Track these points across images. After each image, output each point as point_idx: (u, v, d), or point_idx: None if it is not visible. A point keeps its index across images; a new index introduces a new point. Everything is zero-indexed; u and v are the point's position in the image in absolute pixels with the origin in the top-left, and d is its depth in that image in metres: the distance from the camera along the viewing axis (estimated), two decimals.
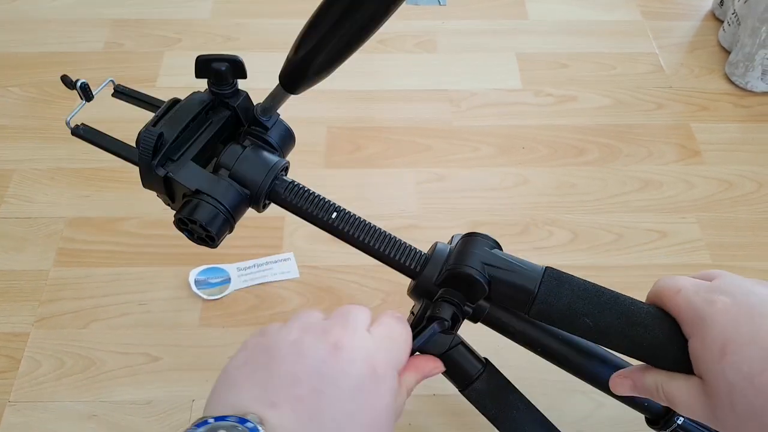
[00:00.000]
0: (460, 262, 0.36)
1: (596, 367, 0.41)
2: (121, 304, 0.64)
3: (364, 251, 0.40)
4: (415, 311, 0.40)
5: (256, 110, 0.42)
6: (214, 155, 0.42)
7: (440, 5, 0.96)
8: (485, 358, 0.42)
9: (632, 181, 0.76)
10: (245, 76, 0.41)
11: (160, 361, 0.61)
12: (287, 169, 0.43)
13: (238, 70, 0.40)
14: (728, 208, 0.74)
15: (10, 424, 0.57)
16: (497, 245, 0.38)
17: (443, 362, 0.39)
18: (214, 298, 0.64)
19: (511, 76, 0.87)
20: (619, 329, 0.34)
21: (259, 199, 0.40)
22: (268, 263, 0.67)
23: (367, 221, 0.41)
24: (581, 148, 0.79)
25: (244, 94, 0.42)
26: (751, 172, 0.77)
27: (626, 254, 0.69)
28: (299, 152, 0.78)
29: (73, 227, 0.70)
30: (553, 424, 0.42)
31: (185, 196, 0.40)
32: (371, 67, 0.87)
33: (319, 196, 0.41)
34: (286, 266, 0.67)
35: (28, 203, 0.72)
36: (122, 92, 0.45)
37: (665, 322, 0.33)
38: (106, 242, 0.69)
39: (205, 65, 0.40)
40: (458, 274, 0.36)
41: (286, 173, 0.43)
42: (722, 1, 0.93)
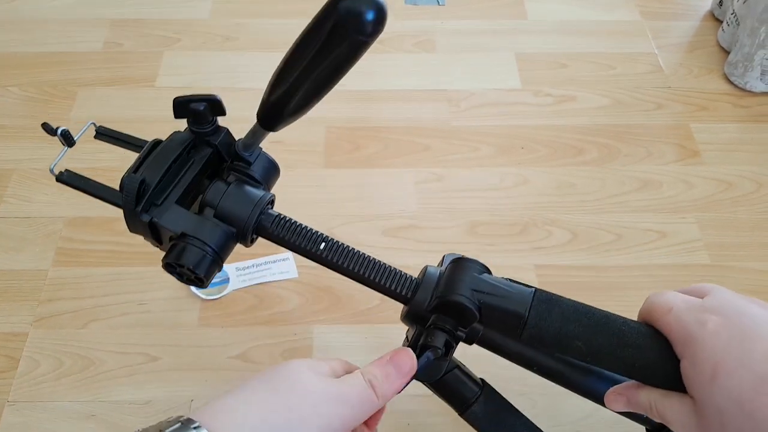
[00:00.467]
0: (449, 290, 0.36)
1: (593, 383, 0.41)
2: (120, 304, 0.64)
3: (354, 279, 0.40)
4: (409, 336, 0.40)
5: (237, 146, 0.41)
6: (199, 193, 0.41)
7: (439, 5, 0.96)
8: (482, 379, 0.42)
9: (631, 181, 0.76)
10: (224, 113, 0.40)
11: (159, 361, 0.61)
12: (273, 202, 0.43)
13: (216, 108, 0.40)
14: (727, 208, 0.74)
15: (8, 423, 0.57)
16: (486, 269, 0.38)
17: (438, 387, 0.40)
18: (212, 298, 0.64)
19: (510, 76, 0.87)
20: (610, 351, 0.33)
21: (246, 235, 0.40)
22: (266, 263, 0.67)
23: (356, 249, 0.40)
24: (580, 148, 0.79)
25: (224, 130, 0.42)
26: (750, 172, 0.77)
27: (625, 254, 0.69)
28: (299, 152, 0.78)
29: (72, 227, 0.70)
30: None
31: (171, 239, 0.39)
32: (370, 67, 0.87)
33: (306, 227, 0.40)
34: (284, 266, 0.67)
35: (27, 203, 0.72)
36: (104, 134, 0.45)
37: (657, 341, 0.33)
38: (105, 242, 0.69)
39: (182, 106, 0.39)
40: (448, 302, 0.36)
41: (272, 206, 0.42)
42: (721, 1, 0.93)
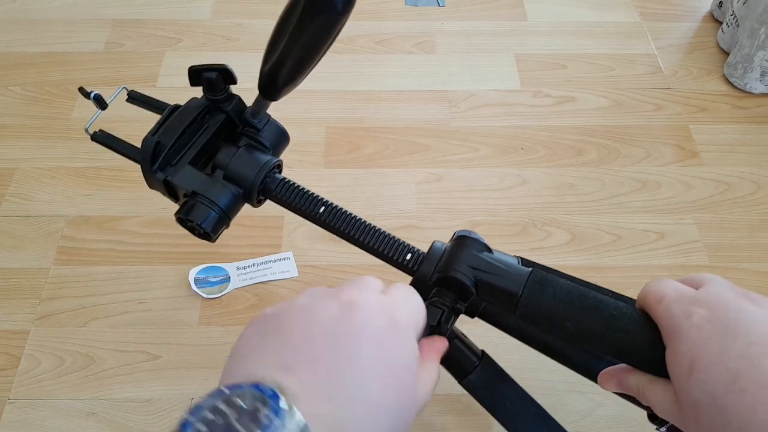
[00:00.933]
0: (448, 265, 0.38)
1: (591, 361, 0.42)
2: (120, 302, 0.64)
3: (361, 248, 0.42)
4: None
5: (246, 114, 0.44)
6: (213, 155, 0.44)
7: (439, 6, 0.96)
8: (482, 350, 0.43)
9: (630, 181, 0.76)
10: (235, 81, 0.43)
11: (159, 359, 0.61)
12: (280, 166, 0.45)
13: (227, 77, 0.43)
14: (726, 209, 0.74)
15: (9, 421, 0.57)
16: (487, 248, 0.39)
17: None
18: (213, 296, 0.65)
19: (509, 76, 0.87)
20: (599, 334, 0.34)
21: (251, 195, 0.43)
22: (267, 262, 0.67)
23: (361, 219, 0.42)
24: (580, 148, 0.79)
25: (236, 98, 0.45)
26: (749, 173, 0.77)
27: (624, 255, 0.69)
28: (298, 152, 0.78)
29: (73, 226, 0.70)
30: (549, 414, 0.43)
31: (185, 196, 0.43)
32: (370, 67, 0.87)
33: (308, 192, 0.43)
34: (285, 265, 0.67)
35: (28, 202, 0.72)
36: (135, 98, 0.49)
37: (648, 328, 0.33)
38: (106, 241, 0.69)
39: (196, 75, 0.43)
40: (447, 277, 0.37)
41: (279, 171, 0.45)
42: (721, 2, 0.93)
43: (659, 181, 0.76)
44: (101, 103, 0.46)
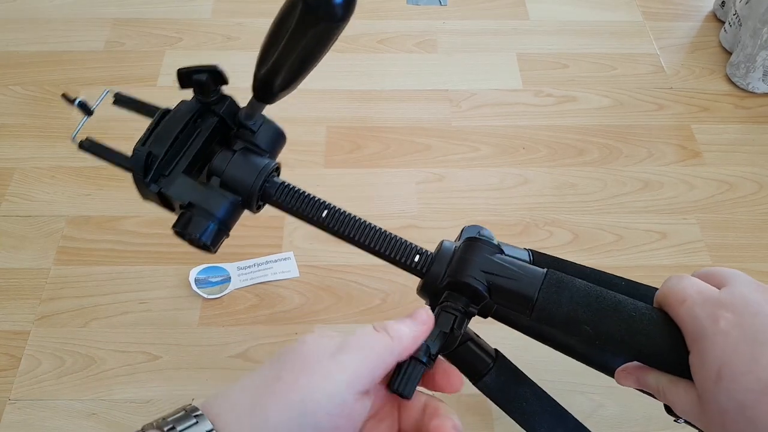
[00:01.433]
0: (459, 270, 0.37)
1: (607, 358, 0.41)
2: (121, 302, 0.64)
3: (367, 251, 0.41)
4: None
5: (240, 116, 0.43)
6: (208, 161, 0.43)
7: (441, 5, 0.96)
8: (496, 350, 0.42)
9: (632, 181, 0.76)
10: (227, 82, 0.41)
11: (160, 359, 0.61)
12: (279, 169, 0.44)
13: (218, 78, 0.41)
14: (728, 209, 0.74)
15: (10, 422, 0.57)
16: (499, 250, 0.38)
17: (452, 359, 0.39)
18: (214, 297, 0.64)
19: (511, 76, 0.87)
20: (619, 337, 0.33)
21: (251, 202, 0.41)
22: (268, 262, 0.67)
23: (366, 221, 0.41)
24: (581, 148, 0.79)
25: (228, 99, 0.43)
26: (751, 173, 0.77)
27: (626, 255, 0.69)
28: (299, 152, 0.78)
29: (73, 226, 0.70)
30: (567, 411, 0.42)
31: (181, 207, 0.41)
32: (371, 67, 0.87)
33: (310, 195, 0.41)
34: (286, 265, 0.67)
35: (28, 201, 0.72)
36: (122, 101, 0.46)
37: (668, 330, 0.32)
38: (106, 241, 0.69)
39: (186, 77, 0.41)
40: (458, 282, 0.36)
41: (278, 173, 0.44)
42: (723, 1, 0.93)
43: (661, 181, 0.76)
44: (86, 109, 0.44)
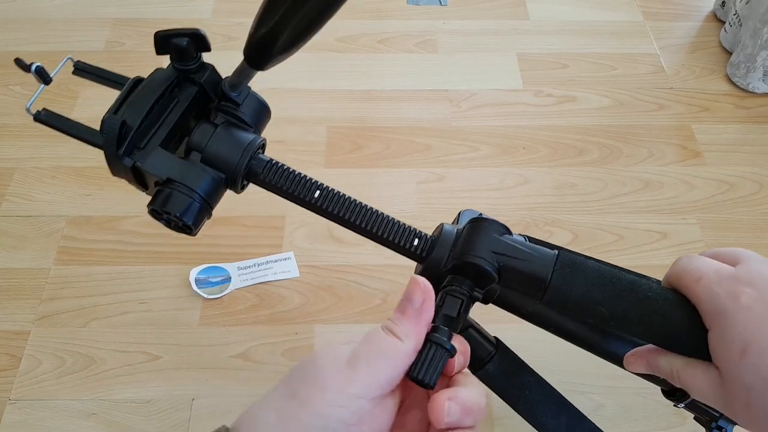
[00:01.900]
0: (467, 251, 0.34)
1: (612, 344, 0.40)
2: (121, 302, 0.64)
3: (362, 234, 0.38)
4: None
5: (224, 85, 0.39)
6: (185, 135, 0.39)
7: (441, 5, 0.96)
8: (496, 338, 0.41)
9: (633, 181, 0.76)
10: (209, 48, 0.38)
11: (160, 359, 0.61)
12: (264, 146, 0.40)
13: (200, 43, 0.37)
14: (729, 209, 0.74)
15: (10, 422, 0.57)
16: (507, 230, 0.36)
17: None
18: (214, 297, 0.64)
19: (511, 76, 0.87)
20: (634, 318, 0.32)
21: (236, 181, 0.38)
22: (268, 262, 0.67)
23: (360, 202, 0.38)
24: (581, 148, 0.79)
25: (209, 67, 0.39)
26: (751, 173, 0.77)
27: (627, 255, 0.69)
28: (299, 152, 0.78)
29: (73, 226, 0.70)
30: (567, 400, 0.41)
31: (157, 184, 0.37)
32: (371, 67, 0.87)
33: (300, 174, 0.38)
34: (286, 265, 0.67)
35: (29, 202, 0.72)
36: (83, 69, 0.42)
37: (684, 310, 0.31)
38: (106, 241, 0.69)
39: (164, 41, 0.37)
40: (466, 263, 0.34)
41: (263, 151, 0.40)
42: (724, 1, 0.93)
43: (661, 180, 0.76)
44: (44, 76, 0.39)
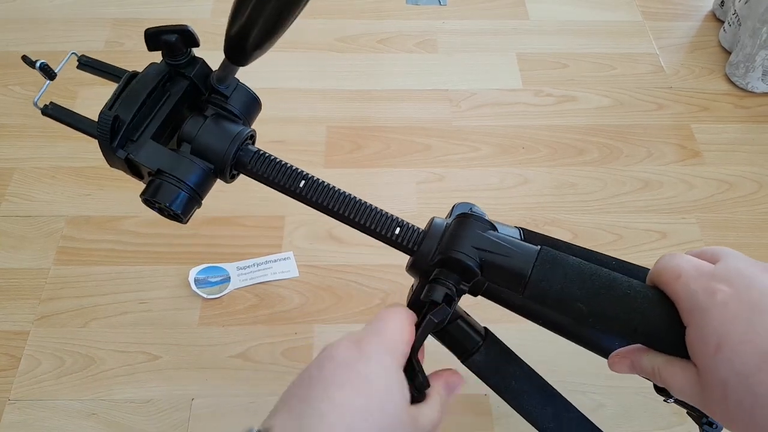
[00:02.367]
0: (451, 246, 0.36)
1: (600, 337, 0.40)
2: (120, 302, 0.64)
3: (353, 227, 0.39)
4: (414, 286, 0.40)
5: (212, 79, 0.41)
6: (177, 127, 0.41)
7: (440, 5, 0.96)
8: (485, 328, 0.42)
9: (632, 181, 0.76)
10: (197, 44, 0.40)
11: (159, 359, 0.61)
12: (254, 137, 0.42)
13: (188, 39, 0.39)
14: (728, 208, 0.74)
15: (9, 422, 0.57)
16: (492, 226, 0.37)
17: (441, 336, 0.40)
18: (213, 297, 0.64)
19: (511, 76, 0.87)
20: (613, 315, 0.33)
21: (224, 170, 0.39)
22: (267, 262, 0.67)
23: (349, 194, 0.39)
24: (581, 148, 0.79)
25: (200, 62, 0.41)
26: (751, 172, 0.77)
27: (626, 254, 0.69)
28: (299, 152, 0.78)
29: (73, 226, 0.70)
30: (555, 389, 0.41)
31: (150, 174, 0.39)
32: (371, 67, 0.87)
33: (287, 164, 0.39)
34: (285, 265, 0.67)
35: (28, 202, 0.72)
36: (87, 64, 0.45)
37: (663, 307, 0.32)
38: (106, 241, 0.69)
39: (154, 38, 0.39)
40: (449, 258, 0.35)
41: (252, 142, 0.41)
42: (723, 1, 0.93)
43: (661, 180, 0.76)
44: (49, 72, 0.42)
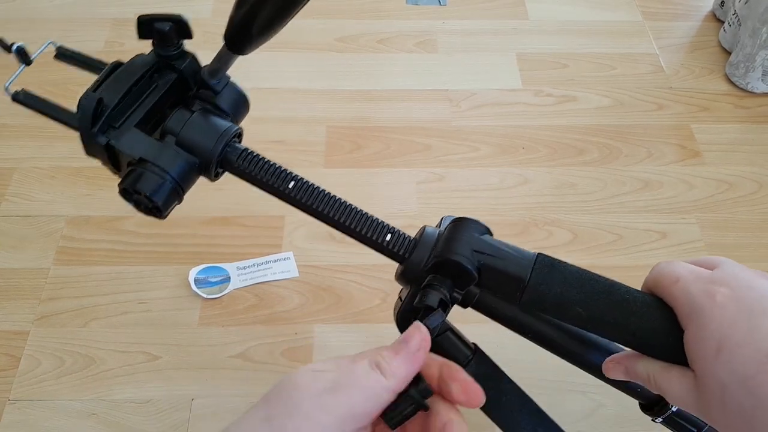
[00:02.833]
0: (448, 249, 0.35)
1: (589, 352, 0.40)
2: (120, 302, 0.64)
3: (342, 231, 0.38)
4: (402, 296, 0.39)
5: (203, 73, 0.39)
6: (161, 120, 0.39)
7: (440, 5, 0.96)
8: (474, 344, 0.41)
9: (632, 181, 0.76)
10: (191, 36, 0.39)
11: (159, 359, 0.61)
12: (241, 135, 0.41)
13: (182, 29, 0.38)
14: (728, 208, 0.74)
15: (9, 422, 0.57)
16: (487, 231, 0.37)
17: (431, 349, 0.39)
18: (213, 297, 0.64)
19: (511, 76, 0.87)
20: (611, 319, 0.33)
21: (209, 167, 0.38)
22: (267, 262, 0.67)
23: (339, 197, 0.38)
24: (581, 148, 0.79)
25: (190, 55, 0.40)
26: (751, 172, 0.77)
27: (626, 254, 0.69)
28: (299, 152, 0.78)
29: (73, 226, 0.70)
30: (544, 411, 0.41)
31: (130, 164, 0.38)
32: (371, 67, 0.87)
33: (275, 164, 0.38)
34: (285, 265, 0.67)
35: (28, 202, 0.72)
36: (65, 55, 0.43)
37: (661, 312, 0.32)
38: (106, 241, 0.69)
39: (146, 25, 0.37)
40: (446, 261, 0.34)
41: (240, 140, 0.40)
42: (723, 1, 0.93)
43: (661, 180, 0.76)
44: (25, 57, 0.39)
